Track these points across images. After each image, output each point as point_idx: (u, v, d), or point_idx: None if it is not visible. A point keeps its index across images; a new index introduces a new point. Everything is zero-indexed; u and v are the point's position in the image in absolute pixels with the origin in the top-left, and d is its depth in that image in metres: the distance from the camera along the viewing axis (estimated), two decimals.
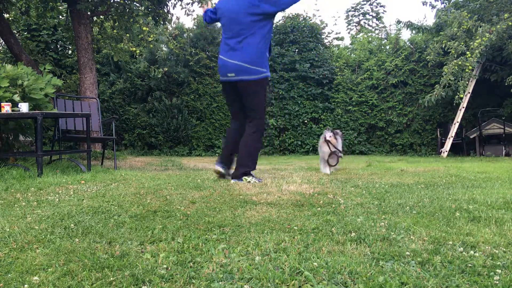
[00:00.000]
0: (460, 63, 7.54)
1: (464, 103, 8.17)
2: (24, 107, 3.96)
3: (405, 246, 1.57)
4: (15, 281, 1.25)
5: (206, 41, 10.20)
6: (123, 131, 9.87)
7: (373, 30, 17.28)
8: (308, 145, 9.93)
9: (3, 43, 8.36)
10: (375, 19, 19.39)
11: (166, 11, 7.58)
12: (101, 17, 7.63)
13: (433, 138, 9.46)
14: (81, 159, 5.79)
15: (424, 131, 9.60)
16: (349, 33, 19.07)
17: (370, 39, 11.38)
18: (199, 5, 7.53)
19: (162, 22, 7.75)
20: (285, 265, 1.36)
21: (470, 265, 1.36)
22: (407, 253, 1.48)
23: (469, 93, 8.16)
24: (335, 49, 11.18)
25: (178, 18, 15.06)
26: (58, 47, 10.26)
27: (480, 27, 7.58)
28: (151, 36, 7.55)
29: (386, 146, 9.87)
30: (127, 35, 7.54)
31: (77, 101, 5.89)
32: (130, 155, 8.59)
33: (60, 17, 9.01)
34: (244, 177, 3.42)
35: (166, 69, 9.46)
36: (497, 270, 1.31)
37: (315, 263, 1.37)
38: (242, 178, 3.41)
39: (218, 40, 10.09)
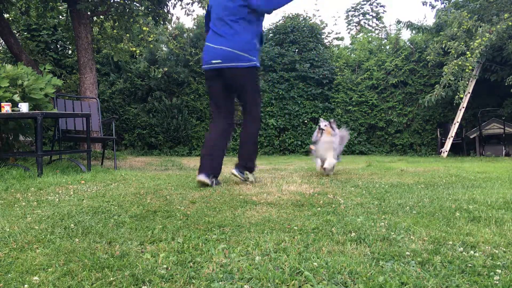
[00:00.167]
0: (460, 63, 7.54)
1: (464, 103, 8.17)
2: (24, 107, 3.97)
3: (405, 246, 1.57)
4: (15, 281, 1.25)
5: None
6: (123, 131, 9.87)
7: (373, 30, 17.29)
8: (308, 145, 9.92)
9: (3, 43, 8.36)
10: (375, 19, 19.40)
11: (166, 11, 7.58)
12: (101, 17, 7.63)
13: (433, 138, 9.46)
14: (81, 159, 5.79)
15: (424, 131, 9.60)
16: (349, 33, 19.08)
17: (370, 39, 11.38)
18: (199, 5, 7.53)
19: (162, 22, 7.76)
20: (285, 265, 1.36)
21: (470, 265, 1.36)
22: (407, 253, 1.48)
23: (469, 93, 8.16)
24: (335, 49, 11.19)
25: (178, 18, 15.08)
26: (58, 47, 10.26)
27: (480, 27, 7.58)
28: (151, 36, 7.55)
29: (386, 146, 9.87)
30: (127, 35, 7.54)
31: (77, 101, 5.89)
32: (130, 155, 8.59)
33: (60, 17, 9.01)
34: (247, 172, 3.22)
35: (166, 69, 9.46)
36: (497, 270, 1.31)
37: (315, 263, 1.37)
38: (244, 172, 3.21)
39: None
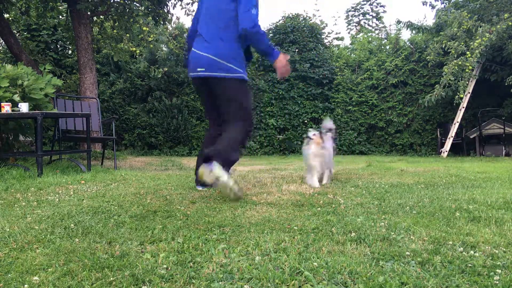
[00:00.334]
0: (460, 63, 7.54)
1: (464, 103, 8.16)
2: (24, 107, 3.97)
3: (405, 246, 1.57)
4: (15, 281, 1.25)
5: None
6: (123, 131, 9.87)
7: (373, 30, 17.30)
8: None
9: (3, 43, 8.36)
10: (375, 19, 19.42)
11: (166, 11, 7.58)
12: (101, 17, 7.63)
13: (433, 138, 9.46)
14: (81, 159, 5.79)
15: (424, 131, 9.60)
16: (349, 33, 19.10)
17: (370, 39, 11.38)
18: None
19: (162, 22, 7.75)
20: (285, 265, 1.36)
21: (470, 265, 1.36)
22: (407, 253, 1.48)
23: (469, 93, 8.16)
24: (335, 49, 11.19)
25: (178, 18, 15.08)
26: (58, 47, 10.26)
27: (480, 27, 7.58)
28: (151, 36, 7.55)
29: (386, 146, 9.87)
30: (127, 35, 7.54)
31: (77, 101, 5.89)
32: (130, 155, 8.59)
33: (60, 17, 9.01)
34: (217, 168, 2.50)
35: (166, 69, 9.46)
36: (497, 270, 1.31)
37: (315, 263, 1.37)
38: (213, 167, 2.50)
39: None
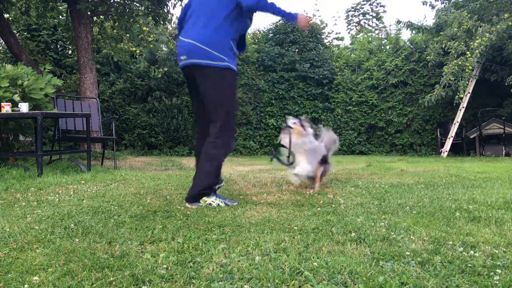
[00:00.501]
0: (460, 63, 7.54)
1: (464, 103, 8.17)
2: (24, 107, 3.97)
3: (405, 246, 1.57)
4: (15, 281, 1.24)
5: None
6: (123, 131, 9.87)
7: (373, 30, 17.29)
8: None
9: (3, 43, 8.36)
10: (375, 19, 19.42)
11: (166, 11, 7.58)
12: (101, 17, 7.63)
13: (433, 138, 9.46)
14: (81, 159, 5.79)
15: (424, 131, 9.60)
16: (349, 33, 19.10)
17: (370, 39, 11.38)
18: None
19: (162, 22, 7.75)
20: (285, 265, 1.36)
21: (470, 265, 1.36)
22: (407, 253, 1.48)
23: (469, 93, 8.16)
24: (335, 49, 11.19)
25: (178, 18, 15.06)
26: (58, 47, 10.26)
27: (480, 27, 7.58)
28: (151, 36, 7.55)
29: (386, 146, 9.87)
30: (127, 35, 7.54)
31: (77, 101, 5.89)
32: (130, 155, 8.59)
33: (60, 17, 9.01)
34: (203, 198, 2.56)
35: (166, 69, 9.46)
36: (497, 270, 1.31)
37: (315, 263, 1.37)
38: (199, 200, 2.55)
39: None
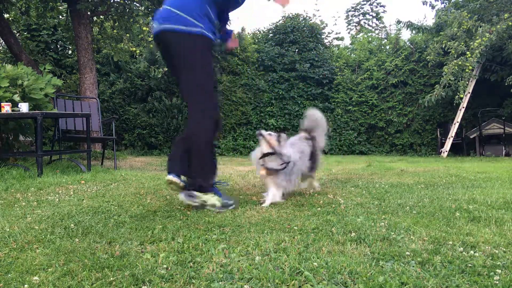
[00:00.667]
0: (460, 63, 7.54)
1: (464, 103, 8.16)
2: (24, 107, 3.97)
3: (405, 246, 1.57)
4: (15, 281, 1.25)
5: None
6: (123, 131, 9.87)
7: (373, 30, 17.30)
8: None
9: (3, 43, 8.36)
10: (375, 19, 19.42)
11: None
12: (101, 17, 7.63)
13: (433, 138, 9.46)
14: (81, 159, 5.79)
15: (424, 131, 9.59)
16: (349, 33, 19.10)
17: (370, 39, 11.38)
18: None
19: None
20: (285, 265, 1.36)
21: (470, 265, 1.36)
22: (407, 253, 1.48)
23: (469, 93, 8.16)
24: (335, 49, 11.18)
25: None
26: (58, 47, 10.26)
27: (480, 27, 7.58)
28: (151, 36, 7.55)
29: (386, 146, 9.87)
30: (127, 35, 7.54)
31: (77, 101, 5.89)
32: (130, 155, 8.58)
33: (60, 17, 9.01)
34: (198, 193, 2.34)
35: (166, 69, 9.46)
36: (497, 270, 1.31)
37: (315, 263, 1.37)
38: (195, 195, 2.34)
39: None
